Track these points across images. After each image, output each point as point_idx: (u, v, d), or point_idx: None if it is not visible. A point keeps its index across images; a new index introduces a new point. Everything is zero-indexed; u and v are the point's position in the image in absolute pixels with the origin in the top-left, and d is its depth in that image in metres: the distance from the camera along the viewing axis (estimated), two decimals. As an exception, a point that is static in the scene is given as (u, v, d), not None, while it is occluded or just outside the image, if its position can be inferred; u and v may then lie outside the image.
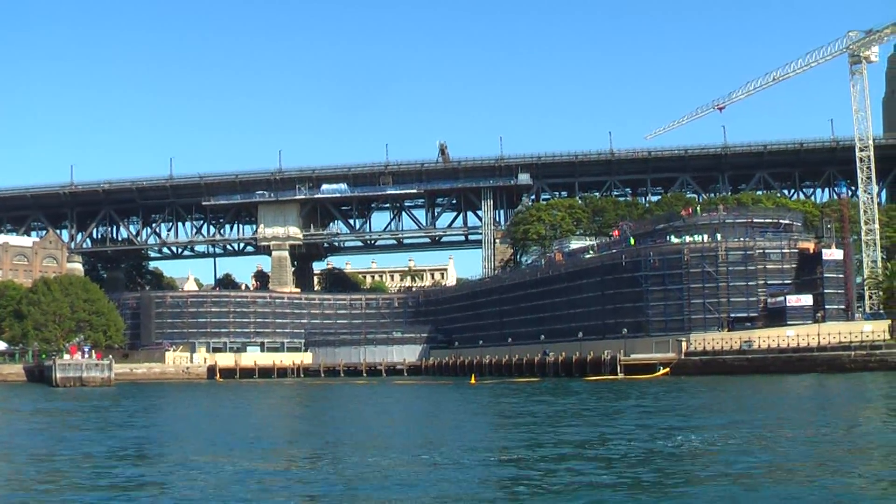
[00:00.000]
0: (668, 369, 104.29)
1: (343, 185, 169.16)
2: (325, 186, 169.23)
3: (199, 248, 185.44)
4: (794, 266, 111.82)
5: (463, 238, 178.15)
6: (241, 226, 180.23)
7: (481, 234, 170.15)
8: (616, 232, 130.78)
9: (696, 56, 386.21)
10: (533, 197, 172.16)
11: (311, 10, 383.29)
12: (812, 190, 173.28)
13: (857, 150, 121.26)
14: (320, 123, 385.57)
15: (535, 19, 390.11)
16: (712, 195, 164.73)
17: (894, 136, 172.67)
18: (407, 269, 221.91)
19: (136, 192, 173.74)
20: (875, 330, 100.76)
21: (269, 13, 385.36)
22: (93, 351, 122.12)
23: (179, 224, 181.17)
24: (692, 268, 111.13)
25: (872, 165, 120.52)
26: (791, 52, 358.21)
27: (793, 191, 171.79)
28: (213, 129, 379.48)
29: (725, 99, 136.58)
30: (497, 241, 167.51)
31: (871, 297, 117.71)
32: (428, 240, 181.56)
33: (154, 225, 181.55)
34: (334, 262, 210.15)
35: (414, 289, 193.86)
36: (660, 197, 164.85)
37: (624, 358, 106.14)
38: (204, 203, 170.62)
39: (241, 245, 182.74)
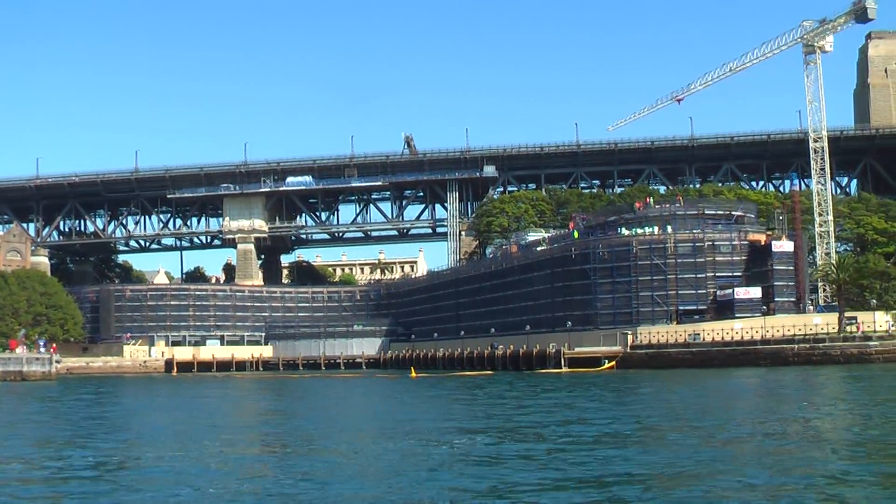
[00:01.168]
0: (613, 363, 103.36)
1: (308, 178, 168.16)
2: (290, 179, 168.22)
3: (167, 241, 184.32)
4: (744, 258, 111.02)
5: (430, 230, 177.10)
6: (207, 219, 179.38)
7: (447, 226, 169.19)
8: (572, 224, 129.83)
9: (662, 47, 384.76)
10: (501, 189, 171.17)
11: (276, 2, 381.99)
12: (781, 181, 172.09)
13: (810, 140, 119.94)
14: (286, 116, 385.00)
15: (499, 11, 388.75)
16: (681, 186, 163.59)
17: (865, 126, 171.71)
18: (377, 261, 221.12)
19: (101, 186, 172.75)
20: (824, 323, 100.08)
21: (234, 4, 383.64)
22: (52, 345, 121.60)
23: (147, 217, 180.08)
24: (641, 260, 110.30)
25: (826, 157, 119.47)
26: (751, 42, 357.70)
27: (761, 182, 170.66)
28: (179, 122, 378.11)
29: (684, 90, 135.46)
30: (463, 233, 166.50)
31: (824, 290, 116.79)
32: (395, 232, 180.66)
33: (121, 218, 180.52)
34: (305, 255, 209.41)
35: (380, 282, 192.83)
36: (623, 189, 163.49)
37: (568, 351, 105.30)
38: (169, 196, 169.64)
39: (208, 238, 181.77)
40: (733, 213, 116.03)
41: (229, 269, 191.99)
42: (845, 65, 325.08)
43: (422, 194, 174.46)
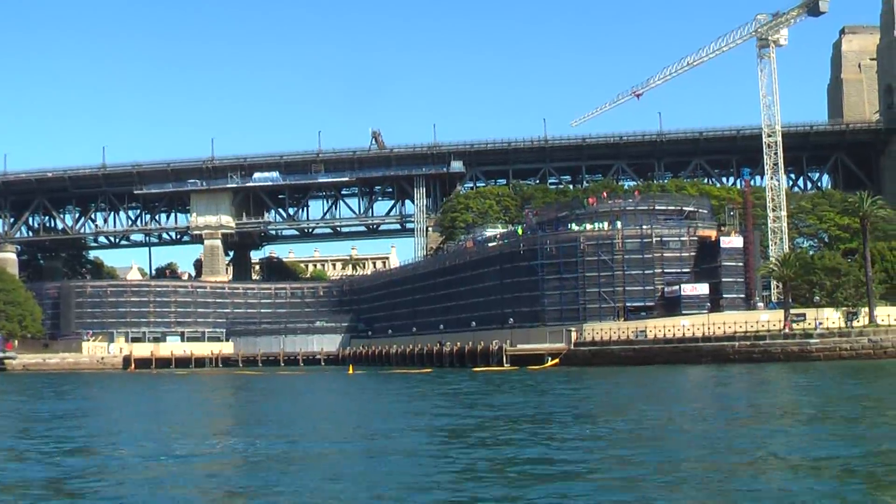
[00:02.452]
0: (556, 360, 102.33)
1: (275, 174, 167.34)
2: (257, 175, 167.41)
3: (136, 237, 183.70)
4: (693, 254, 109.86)
5: (399, 226, 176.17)
6: (176, 214, 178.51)
7: (415, 222, 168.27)
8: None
9: (629, 40, 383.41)
10: (470, 185, 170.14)
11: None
12: (752, 177, 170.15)
13: (764, 135, 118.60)
14: (253, 111, 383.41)
15: (465, 6, 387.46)
16: (649, 182, 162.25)
17: (836, 122, 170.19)
18: (349, 257, 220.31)
19: (69, 181, 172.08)
20: (772, 320, 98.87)
21: (196, 2, 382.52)
22: (9, 341, 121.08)
23: (116, 213, 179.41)
24: (588, 256, 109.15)
25: (780, 152, 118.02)
26: (710, 36, 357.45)
27: (732, 178, 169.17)
28: (146, 117, 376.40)
29: (643, 85, 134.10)
30: (430, 229, 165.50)
31: (777, 287, 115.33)
32: (364, 228, 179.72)
33: (90, 214, 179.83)
34: (278, 251, 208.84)
35: (343, 278, 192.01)
36: (588, 185, 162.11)
37: (510, 348, 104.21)
38: (136, 192, 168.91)
39: (177, 234, 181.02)
40: (685, 208, 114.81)
41: (200, 265, 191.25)
42: (819, 60, 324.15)
43: (390, 190, 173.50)
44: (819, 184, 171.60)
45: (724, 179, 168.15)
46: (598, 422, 34.92)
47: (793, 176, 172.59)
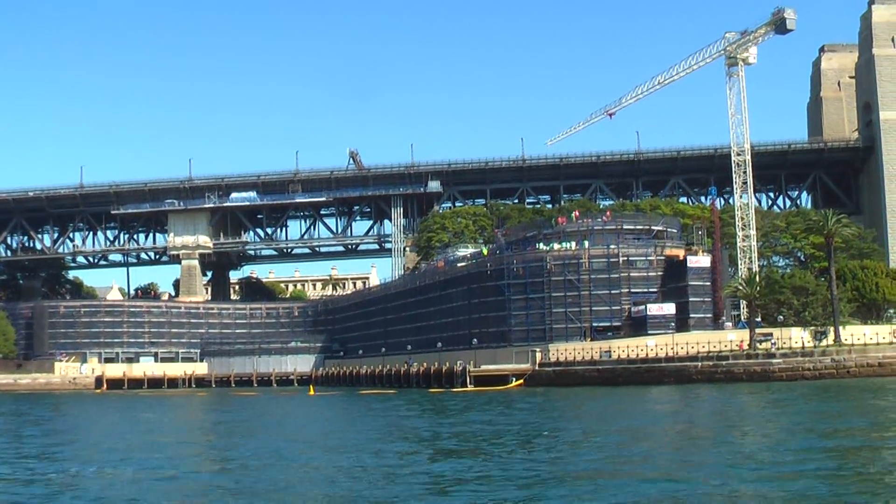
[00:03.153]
0: (521, 381, 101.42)
1: (253, 194, 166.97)
2: (234, 195, 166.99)
3: (115, 257, 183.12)
4: (660, 274, 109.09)
5: (377, 246, 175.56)
6: (155, 234, 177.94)
7: (392, 242, 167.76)
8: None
9: (603, 59, 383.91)
10: (449, 204, 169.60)
11: (213, 17, 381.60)
12: (729, 195, 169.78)
13: (732, 154, 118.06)
14: (231, 131, 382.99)
15: (441, 28, 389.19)
16: (629, 201, 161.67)
17: (816, 140, 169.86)
18: (329, 277, 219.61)
19: (46, 201, 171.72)
20: (739, 339, 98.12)
21: (173, 21, 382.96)
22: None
23: (94, 233, 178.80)
24: (554, 276, 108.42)
25: (749, 170, 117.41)
26: (681, 54, 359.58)
27: (710, 196, 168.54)
28: (124, 137, 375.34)
29: (615, 104, 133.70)
30: (407, 249, 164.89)
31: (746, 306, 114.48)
32: (342, 248, 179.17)
33: (68, 234, 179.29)
34: (259, 271, 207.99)
35: (319, 298, 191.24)
36: (564, 204, 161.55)
37: (474, 369, 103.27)
38: (113, 212, 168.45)
39: (156, 255, 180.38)
40: (654, 228, 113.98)
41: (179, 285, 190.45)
42: (799, 78, 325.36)
43: (368, 210, 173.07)
44: (798, 202, 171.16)
45: (702, 198, 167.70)
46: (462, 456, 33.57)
47: (772, 195, 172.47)
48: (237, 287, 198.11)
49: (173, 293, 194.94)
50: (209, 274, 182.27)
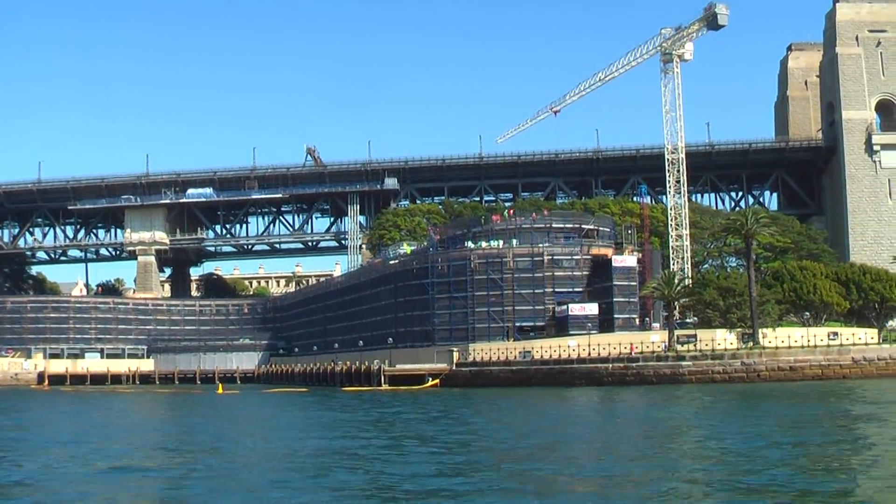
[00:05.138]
0: (436, 381, 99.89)
1: (209, 190, 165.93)
2: (190, 191, 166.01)
3: (74, 252, 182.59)
4: (586, 273, 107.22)
5: (336, 243, 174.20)
6: (115, 230, 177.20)
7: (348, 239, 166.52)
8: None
9: (556, 54, 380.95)
10: (407, 202, 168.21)
11: (171, 12, 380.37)
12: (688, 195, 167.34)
13: (666, 152, 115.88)
14: (189, 127, 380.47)
15: (398, 23, 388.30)
16: (588, 198, 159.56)
17: (783, 139, 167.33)
18: (292, 274, 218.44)
19: (4, 197, 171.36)
20: (661, 341, 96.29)
21: (133, 14, 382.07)
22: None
23: (55, 229, 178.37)
24: (478, 275, 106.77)
25: (683, 168, 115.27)
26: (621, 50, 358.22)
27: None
28: (82, 132, 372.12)
29: (559, 101, 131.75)
30: (364, 246, 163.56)
31: (680, 307, 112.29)
32: (301, 245, 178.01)
33: (26, 228, 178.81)
34: (224, 268, 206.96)
35: (266, 296, 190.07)
36: (514, 202, 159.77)
37: (388, 368, 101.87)
38: (70, 207, 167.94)
39: (114, 251, 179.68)
40: (584, 226, 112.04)
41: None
42: (766, 77, 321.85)
43: (327, 207, 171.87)
44: (761, 199, 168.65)
45: (662, 198, 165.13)
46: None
47: (733, 195, 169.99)
48: (196, 284, 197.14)
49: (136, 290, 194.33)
50: (167, 271, 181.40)
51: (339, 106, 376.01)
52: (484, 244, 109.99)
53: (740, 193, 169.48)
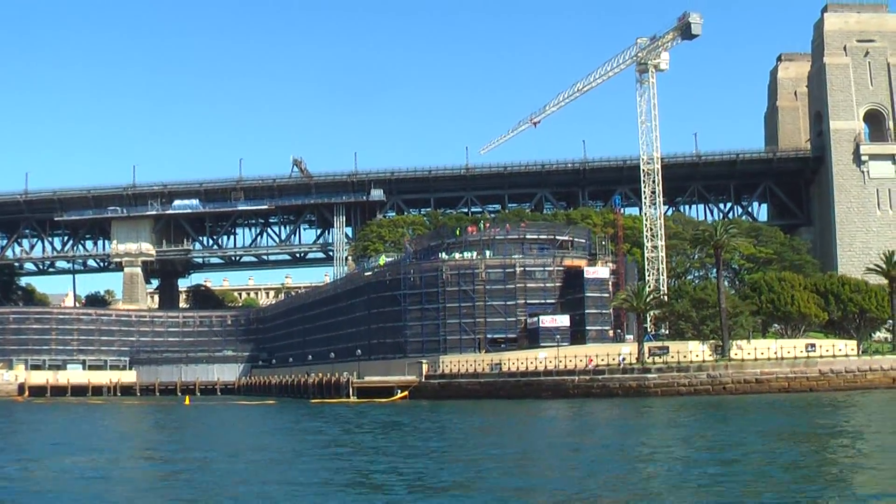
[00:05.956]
0: (405, 393, 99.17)
1: (195, 201, 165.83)
2: (177, 202, 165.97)
3: (63, 264, 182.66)
4: (559, 285, 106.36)
5: (324, 255, 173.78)
6: (103, 241, 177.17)
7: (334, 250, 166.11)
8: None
9: (536, 66, 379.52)
10: (393, 213, 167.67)
11: (155, 25, 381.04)
12: (676, 206, 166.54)
13: (641, 163, 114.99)
14: (176, 138, 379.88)
15: (383, 34, 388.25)
16: (573, 209, 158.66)
17: (771, 149, 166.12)
18: (281, 286, 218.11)
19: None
20: (633, 352, 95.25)
21: (113, 29, 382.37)
22: None
23: (43, 240, 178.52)
24: (450, 286, 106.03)
25: (659, 179, 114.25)
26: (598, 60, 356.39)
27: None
28: (69, 143, 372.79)
29: (540, 112, 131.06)
30: (350, 258, 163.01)
31: (652, 319, 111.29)
32: (289, 256, 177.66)
33: (13, 239, 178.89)
34: (214, 279, 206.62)
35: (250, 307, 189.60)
36: (498, 214, 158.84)
37: (356, 381, 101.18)
38: (57, 219, 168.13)
39: (101, 262, 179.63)
40: (558, 238, 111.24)
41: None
42: (756, 87, 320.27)
43: (314, 218, 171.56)
44: (750, 209, 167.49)
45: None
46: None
47: (722, 206, 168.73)
48: (185, 295, 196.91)
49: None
50: (154, 282, 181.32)
51: (326, 117, 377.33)
52: (457, 255, 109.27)
53: (729, 204, 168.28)
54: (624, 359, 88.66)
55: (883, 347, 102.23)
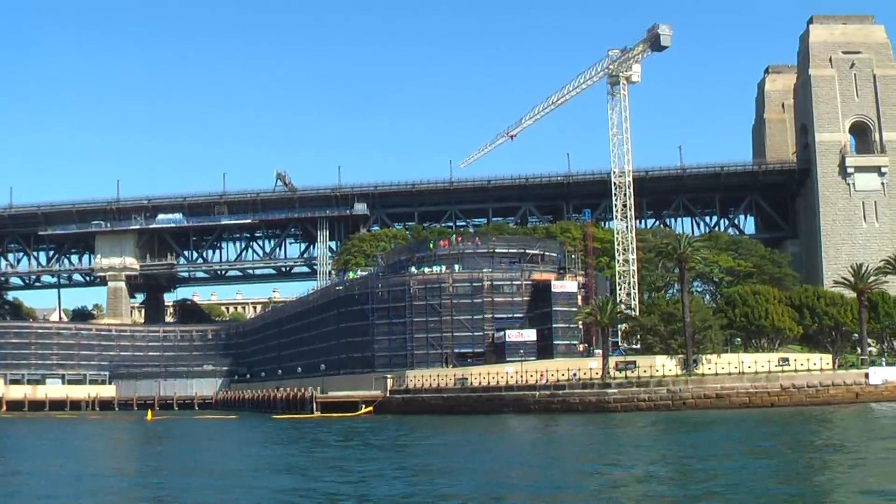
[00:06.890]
0: (370, 408, 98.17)
1: (179, 215, 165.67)
2: (160, 216, 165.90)
3: (48, 278, 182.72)
4: (527, 299, 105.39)
5: (308, 269, 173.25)
6: (89, 256, 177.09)
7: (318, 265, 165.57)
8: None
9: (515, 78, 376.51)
10: (376, 227, 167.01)
11: (139, 38, 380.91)
12: (662, 219, 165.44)
13: (612, 175, 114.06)
14: (159, 152, 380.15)
15: (366, 47, 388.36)
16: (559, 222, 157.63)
17: (758, 162, 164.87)
18: (269, 300, 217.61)
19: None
20: (599, 367, 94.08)
21: (97, 41, 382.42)
22: None
23: (27, 254, 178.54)
24: (417, 301, 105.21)
25: (630, 192, 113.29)
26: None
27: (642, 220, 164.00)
28: (53, 157, 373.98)
29: (516, 125, 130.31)
30: (333, 272, 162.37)
31: (623, 333, 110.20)
32: (273, 270, 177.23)
33: (3, 255, 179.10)
34: (201, 294, 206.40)
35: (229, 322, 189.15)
36: (480, 227, 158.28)
37: (320, 396, 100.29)
38: (41, 233, 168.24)
39: (86, 276, 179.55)
40: (528, 251, 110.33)
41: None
42: (744, 99, 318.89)
43: (299, 232, 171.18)
44: (736, 222, 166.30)
45: (639, 221, 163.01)
46: None
47: (707, 219, 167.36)
48: (171, 310, 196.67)
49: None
50: (139, 297, 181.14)
51: (309, 131, 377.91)
52: (426, 269, 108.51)
53: (715, 218, 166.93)
54: (575, 374, 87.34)
55: (858, 361, 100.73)
